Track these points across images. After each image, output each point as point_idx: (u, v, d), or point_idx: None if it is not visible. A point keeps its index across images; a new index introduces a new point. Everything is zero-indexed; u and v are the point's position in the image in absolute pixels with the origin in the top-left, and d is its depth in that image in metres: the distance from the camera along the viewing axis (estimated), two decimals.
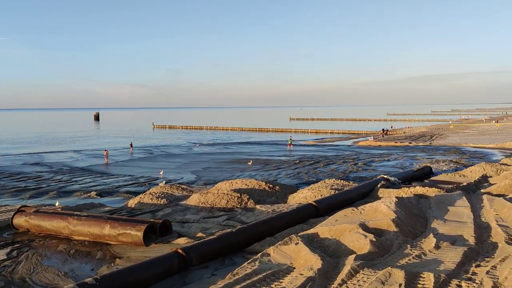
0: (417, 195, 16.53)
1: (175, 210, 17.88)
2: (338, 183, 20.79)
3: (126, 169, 34.17)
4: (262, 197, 19.73)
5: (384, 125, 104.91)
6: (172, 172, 31.99)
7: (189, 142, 65.24)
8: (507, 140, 49.38)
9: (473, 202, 15.33)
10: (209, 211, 17.71)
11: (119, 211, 18.34)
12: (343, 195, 17.52)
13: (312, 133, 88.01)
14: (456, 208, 14.40)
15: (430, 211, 14.38)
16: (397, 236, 11.72)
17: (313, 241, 12.12)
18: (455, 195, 15.91)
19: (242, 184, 20.55)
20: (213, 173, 30.80)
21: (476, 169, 22.48)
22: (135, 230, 13.16)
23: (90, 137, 78.51)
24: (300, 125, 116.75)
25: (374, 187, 19.35)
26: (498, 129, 69.51)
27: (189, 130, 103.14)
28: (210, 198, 18.63)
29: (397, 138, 62.37)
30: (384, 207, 13.28)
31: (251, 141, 64.48)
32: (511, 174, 19.79)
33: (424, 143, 52.06)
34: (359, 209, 14.11)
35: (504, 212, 13.62)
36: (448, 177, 22.33)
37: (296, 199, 19.31)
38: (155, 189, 21.56)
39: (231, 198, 18.42)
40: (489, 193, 17.11)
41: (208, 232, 14.41)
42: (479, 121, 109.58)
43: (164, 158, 41.81)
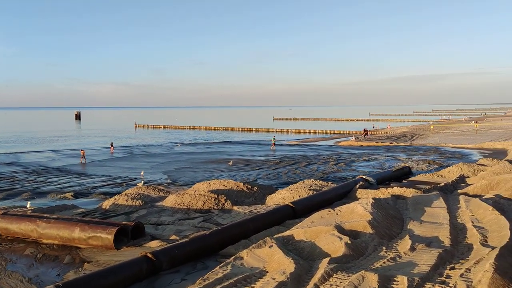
0: (394, 196, 16.44)
1: (151, 212, 17.48)
2: (317, 183, 20.63)
3: (104, 169, 33.53)
4: (240, 198, 19.44)
5: (366, 125, 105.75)
6: (150, 173, 31.48)
7: (171, 141, 64.60)
8: (485, 140, 50.04)
9: (450, 203, 15.28)
10: (185, 213, 17.35)
11: (92, 213, 17.84)
12: (320, 196, 17.34)
13: (295, 133, 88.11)
14: (433, 209, 14.32)
15: (407, 212, 14.28)
16: (373, 238, 11.56)
17: (288, 243, 11.89)
18: (432, 196, 15.85)
19: (219, 185, 20.23)
20: (192, 174, 30.40)
21: (453, 170, 22.57)
22: (105, 233, 12.75)
23: (70, 137, 77.21)
24: (283, 125, 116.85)
25: (352, 187, 19.23)
26: (477, 129, 70.49)
27: (171, 130, 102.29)
28: (186, 199, 18.27)
29: (379, 138, 62.74)
30: (360, 208, 13.11)
31: (233, 141, 64.15)
32: (488, 175, 19.88)
33: (404, 143, 52.42)
34: (336, 210, 13.93)
35: (479, 213, 13.59)
36: (426, 177, 22.37)
37: (274, 200, 19.08)
38: (131, 190, 21.10)
39: (208, 199, 18.10)
40: (466, 193, 17.13)
41: (182, 234, 14.07)
42: (459, 121, 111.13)
43: (143, 158, 41.22)
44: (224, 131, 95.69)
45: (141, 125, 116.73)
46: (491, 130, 68.87)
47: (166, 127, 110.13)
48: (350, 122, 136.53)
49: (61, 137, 76.91)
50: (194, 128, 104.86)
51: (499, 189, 16.82)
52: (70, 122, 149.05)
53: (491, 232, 12.02)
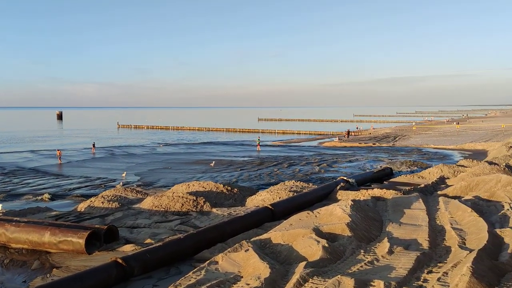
0: (374, 198, 16.31)
1: (127, 214, 17.03)
2: (298, 185, 20.41)
3: (83, 170, 32.84)
4: (220, 200, 19.12)
5: (350, 126, 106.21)
6: (130, 174, 30.90)
7: (153, 142, 63.84)
8: (466, 141, 50.54)
9: (429, 205, 15.20)
10: (163, 215, 16.96)
11: (66, 215, 17.32)
12: (300, 197, 17.12)
13: (279, 133, 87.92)
14: (412, 211, 14.21)
15: (386, 214, 14.14)
16: (351, 241, 11.36)
17: (265, 247, 11.62)
18: (412, 198, 15.75)
19: (199, 187, 19.88)
20: (172, 175, 29.93)
21: (434, 171, 22.58)
22: (76, 237, 12.31)
23: (50, 137, 75.70)
24: (268, 125, 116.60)
25: (333, 189, 19.06)
26: (458, 130, 71.28)
27: (155, 130, 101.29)
28: (164, 201, 17.87)
29: (362, 139, 62.94)
30: (339, 210, 12.91)
31: (216, 142, 63.72)
32: (467, 176, 19.91)
33: (387, 144, 52.64)
34: (315, 212, 13.71)
35: (458, 214, 13.51)
36: (407, 178, 22.34)
37: (254, 201, 18.80)
38: (108, 192, 20.59)
39: (186, 201, 17.72)
40: (445, 195, 17.08)
41: (157, 238, 13.69)
42: (441, 122, 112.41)
43: (124, 159, 40.53)
44: (208, 131, 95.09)
45: (124, 125, 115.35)
46: (472, 131, 69.72)
47: (150, 128, 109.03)
48: (334, 123, 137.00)
49: (41, 137, 75.43)
50: (178, 128, 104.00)
51: (478, 190, 16.82)
52: (51, 122, 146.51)
53: (469, 234, 11.93)
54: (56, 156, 38.35)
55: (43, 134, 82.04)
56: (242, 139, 68.07)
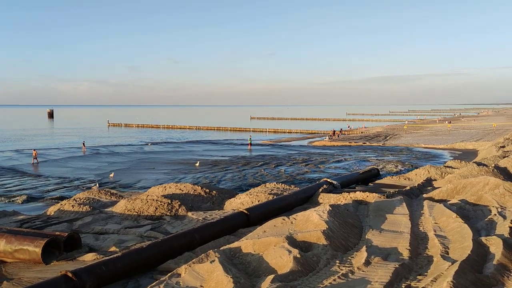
0: (356, 201, 15.52)
1: (97, 219, 16.15)
2: (279, 187, 19.60)
3: (63, 170, 31.87)
4: (197, 203, 18.27)
5: (342, 124, 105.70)
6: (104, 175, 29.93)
7: (141, 141, 62.87)
8: (457, 140, 50.01)
9: (413, 209, 14.45)
10: (135, 220, 16.10)
11: (33, 220, 16.40)
12: (279, 201, 16.30)
13: (271, 132, 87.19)
14: (395, 216, 13.44)
15: (367, 220, 13.36)
16: (326, 251, 10.56)
17: (235, 256, 10.80)
18: (395, 201, 14.99)
19: (176, 189, 19.01)
20: (154, 175, 29.03)
21: (421, 172, 21.85)
22: (33, 246, 11.42)
23: (38, 136, 74.41)
24: (260, 124, 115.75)
25: (315, 191, 18.26)
26: (450, 130, 70.85)
27: (145, 129, 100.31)
28: (137, 204, 17.01)
29: (352, 138, 62.33)
30: (316, 216, 12.11)
31: (205, 140, 62.84)
32: (455, 178, 19.20)
33: (377, 143, 52.03)
34: (291, 218, 12.90)
35: (443, 220, 12.76)
36: (393, 180, 21.61)
37: (233, 205, 17.98)
38: (81, 195, 19.69)
39: (160, 205, 16.87)
40: (431, 198, 16.34)
41: (124, 245, 12.84)
42: (432, 121, 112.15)
43: (108, 158, 39.55)
44: (199, 130, 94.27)
45: (114, 124, 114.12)
46: (464, 130, 69.33)
47: (140, 126, 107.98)
48: (326, 121, 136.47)
49: (29, 136, 74.20)
50: (168, 127, 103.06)
51: (465, 193, 16.09)
52: (42, 120, 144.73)
53: (453, 242, 11.18)
54: (32, 156, 36.89)
55: (31, 133, 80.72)
56: (232, 138, 67.30)
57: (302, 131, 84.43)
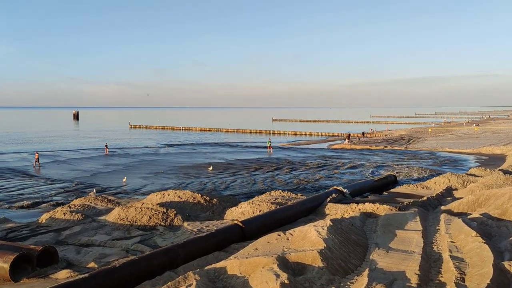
0: (365, 214, 14.09)
1: (87, 228, 15.19)
2: (284, 195, 18.28)
3: (72, 173, 31.28)
4: (195, 212, 17.15)
5: (365, 127, 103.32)
6: (118, 178, 29.17)
7: (158, 143, 62.39)
8: (484, 144, 47.53)
9: (428, 224, 12.94)
10: (126, 230, 15.07)
11: (22, 228, 15.58)
12: (281, 212, 14.98)
13: (291, 134, 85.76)
14: (405, 232, 11.97)
15: (374, 236, 11.93)
16: (321, 275, 9.22)
17: (218, 279, 9.58)
18: (408, 215, 13.49)
19: (174, 196, 17.94)
20: (161, 180, 28.07)
21: (440, 180, 20.13)
22: (1, 261, 10.48)
23: (60, 137, 74.80)
24: (281, 126, 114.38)
25: (323, 201, 16.88)
26: (477, 133, 67.85)
27: (165, 131, 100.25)
28: (131, 213, 15.99)
29: (374, 141, 60.32)
30: (313, 233, 10.77)
31: (222, 143, 61.99)
32: (478, 187, 17.49)
33: (400, 147, 49.97)
34: (287, 234, 11.58)
35: (460, 239, 11.23)
36: (410, 188, 19.96)
37: (233, 214, 16.77)
38: (77, 201, 18.85)
39: (155, 214, 15.80)
40: (449, 211, 14.75)
41: (105, 260, 11.78)
42: (459, 124, 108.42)
43: (121, 161, 38.91)
44: (219, 132, 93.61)
45: (136, 126, 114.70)
46: (492, 134, 66.28)
47: (161, 128, 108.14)
48: (349, 124, 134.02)
49: (50, 137, 74.83)
50: (189, 129, 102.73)
51: (488, 206, 14.44)
52: (67, 122, 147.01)
53: (471, 266, 9.67)
54: (34, 159, 35.98)
55: (53, 135, 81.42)
56: (251, 141, 66.23)
57: (322, 134, 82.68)
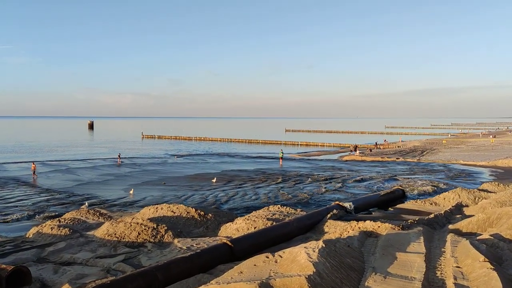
0: (365, 233, 13.08)
1: (72, 245, 14.47)
2: (283, 210, 17.34)
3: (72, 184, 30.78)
4: (188, 228, 16.32)
5: (379, 138, 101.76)
6: (118, 189, 28.54)
7: (167, 153, 61.93)
8: (501, 157, 45.86)
9: (432, 246, 11.89)
10: (113, 247, 14.30)
11: (6, 243, 14.94)
12: (276, 230, 14.05)
13: (302, 145, 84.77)
14: (407, 255, 10.94)
15: (372, 259, 10.92)
16: None
17: None
18: (411, 235, 12.46)
19: (167, 211, 17.16)
20: (161, 192, 27.30)
21: (450, 196, 18.96)
22: None
23: (72, 147, 74.84)
24: (294, 137, 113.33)
25: (323, 217, 15.91)
26: (493, 145, 65.90)
27: (177, 141, 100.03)
28: (120, 229, 15.23)
29: (386, 152, 58.93)
30: (303, 256, 9.84)
31: (232, 153, 61.32)
32: (490, 204, 16.32)
33: (412, 159, 48.58)
34: (276, 256, 10.66)
35: (467, 264, 10.16)
36: (417, 204, 18.84)
37: (228, 230, 15.90)
38: (69, 214, 18.22)
39: (144, 230, 15.01)
40: (458, 230, 13.66)
41: (81, 282, 11.01)
42: (475, 135, 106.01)
43: (125, 171, 38.36)
44: (230, 142, 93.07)
45: (148, 136, 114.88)
46: (509, 146, 64.30)
47: (173, 138, 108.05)
48: (361, 134, 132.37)
49: (63, 146, 75.12)
50: (200, 139, 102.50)
51: (499, 226, 13.31)
52: (82, 132, 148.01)
53: None
54: (31, 169, 35.40)
55: (66, 144, 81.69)
56: (260, 151, 65.46)
57: (334, 145, 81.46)
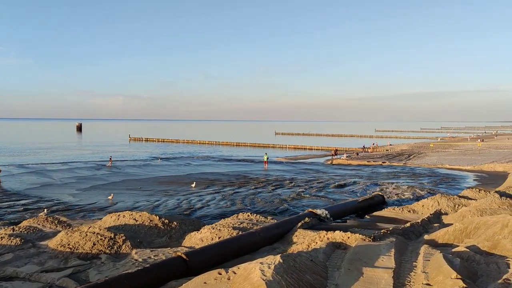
0: (334, 244, 12.16)
1: (20, 256, 13.38)
2: (252, 218, 16.38)
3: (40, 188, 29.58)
4: (150, 237, 15.30)
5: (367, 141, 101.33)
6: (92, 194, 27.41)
7: (152, 156, 60.78)
8: (487, 161, 45.33)
9: (404, 259, 10.98)
10: (64, 259, 13.23)
11: None
12: (239, 240, 13.06)
13: (290, 148, 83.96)
14: (374, 270, 10.02)
15: (337, 275, 9.99)
16: None
17: None
18: (382, 247, 11.55)
19: (130, 218, 16.13)
20: (135, 197, 26.20)
21: (429, 203, 18.11)
22: None
23: (55, 150, 73.27)
24: (283, 140, 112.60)
25: (293, 226, 14.97)
26: (480, 149, 65.52)
27: (164, 143, 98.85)
28: (75, 238, 14.17)
29: (373, 156, 58.27)
30: (256, 273, 8.88)
31: (218, 156, 60.35)
32: (470, 212, 15.49)
33: (398, 163, 47.92)
34: (230, 272, 9.70)
35: (438, 281, 9.24)
36: (395, 212, 17.98)
37: (192, 240, 14.90)
38: (26, 222, 17.12)
39: (100, 240, 13.96)
40: (433, 241, 12.78)
41: None
42: (464, 139, 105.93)
43: (103, 175, 37.18)
44: (218, 145, 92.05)
45: (135, 138, 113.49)
46: (496, 150, 63.94)
47: (160, 141, 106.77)
48: (351, 138, 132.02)
49: (45, 149, 73.49)
50: (188, 142, 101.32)
51: (477, 236, 12.46)
52: (70, 134, 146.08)
53: None
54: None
55: (50, 146, 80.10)
56: (247, 154, 64.55)
57: (323, 148, 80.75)
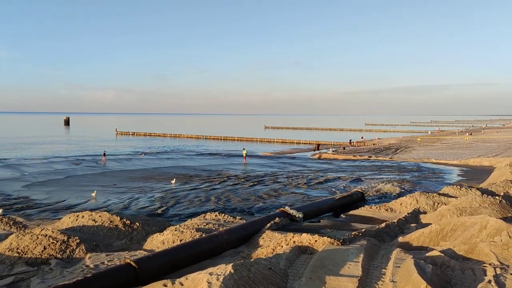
0: (300, 248, 11.25)
1: None
2: (220, 219, 15.44)
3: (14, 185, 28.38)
4: (108, 240, 14.30)
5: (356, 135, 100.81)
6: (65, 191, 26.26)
7: (136, 150, 59.53)
8: (474, 155, 44.79)
9: (372, 266, 10.10)
10: (11, 264, 12.21)
11: None
12: (199, 244, 12.08)
13: (278, 142, 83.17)
14: (338, 279, 9.13)
15: (297, 284, 9.08)
16: None
17: None
18: (351, 251, 10.67)
19: (88, 219, 15.11)
20: (108, 194, 25.10)
21: (407, 201, 17.28)
22: None
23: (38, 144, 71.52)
24: (272, 134, 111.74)
25: (262, 227, 14.05)
26: (468, 142, 65.12)
27: (151, 137, 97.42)
28: (25, 241, 13.13)
29: (360, 150, 57.57)
30: (203, 286, 7.95)
31: (203, 151, 59.36)
32: (449, 211, 14.66)
33: (385, 158, 47.22)
34: (177, 283, 8.73)
35: None
36: (372, 211, 17.13)
37: (154, 242, 13.92)
38: None
39: (52, 244, 12.93)
40: (407, 244, 11.92)
41: None
42: (452, 133, 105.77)
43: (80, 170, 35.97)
44: (205, 139, 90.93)
45: (122, 132, 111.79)
46: (484, 144, 63.57)
47: (147, 135, 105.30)
48: (340, 132, 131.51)
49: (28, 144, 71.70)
50: (175, 136, 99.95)
51: (454, 239, 11.62)
52: (58, 128, 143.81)
53: None
54: None
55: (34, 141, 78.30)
56: (233, 149, 63.52)
57: (310, 142, 79.99)
